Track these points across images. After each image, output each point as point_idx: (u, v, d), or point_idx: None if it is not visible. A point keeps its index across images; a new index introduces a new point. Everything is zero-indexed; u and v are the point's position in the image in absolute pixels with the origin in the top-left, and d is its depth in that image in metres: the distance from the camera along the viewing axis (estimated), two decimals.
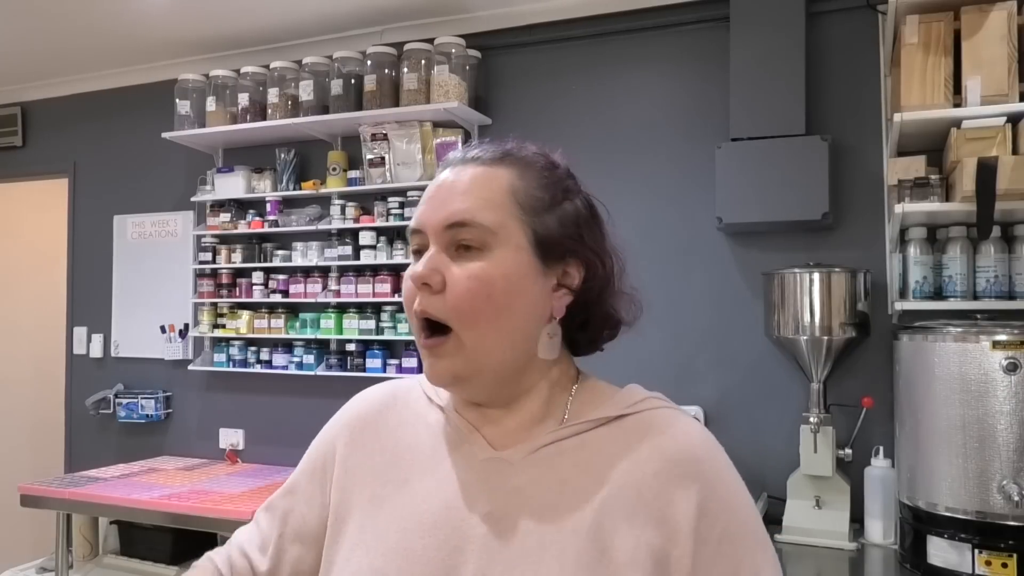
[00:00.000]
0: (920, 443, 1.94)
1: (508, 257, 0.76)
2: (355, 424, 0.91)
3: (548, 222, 0.78)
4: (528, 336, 0.79)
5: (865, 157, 2.47)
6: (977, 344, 1.82)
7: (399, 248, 2.94)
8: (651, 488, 0.74)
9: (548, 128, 2.87)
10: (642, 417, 0.79)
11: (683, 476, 0.74)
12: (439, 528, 0.77)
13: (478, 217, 0.76)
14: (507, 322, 0.76)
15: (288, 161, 3.16)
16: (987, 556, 1.78)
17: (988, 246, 2.18)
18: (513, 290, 0.76)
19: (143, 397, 3.43)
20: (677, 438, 0.77)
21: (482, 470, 0.79)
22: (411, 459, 0.84)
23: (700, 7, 2.65)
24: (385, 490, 0.83)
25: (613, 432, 0.78)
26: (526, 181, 0.79)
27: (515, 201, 0.78)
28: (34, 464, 4.06)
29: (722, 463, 0.78)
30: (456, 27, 2.93)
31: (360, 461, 0.87)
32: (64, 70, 3.61)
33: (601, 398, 0.82)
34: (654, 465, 0.75)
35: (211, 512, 2.49)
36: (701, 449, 0.77)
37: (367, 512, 0.82)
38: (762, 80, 2.42)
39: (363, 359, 2.98)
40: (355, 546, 0.81)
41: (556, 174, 0.83)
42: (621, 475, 0.75)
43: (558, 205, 0.80)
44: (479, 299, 0.75)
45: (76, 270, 3.72)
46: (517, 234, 0.77)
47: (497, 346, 0.76)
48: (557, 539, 0.73)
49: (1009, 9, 2.03)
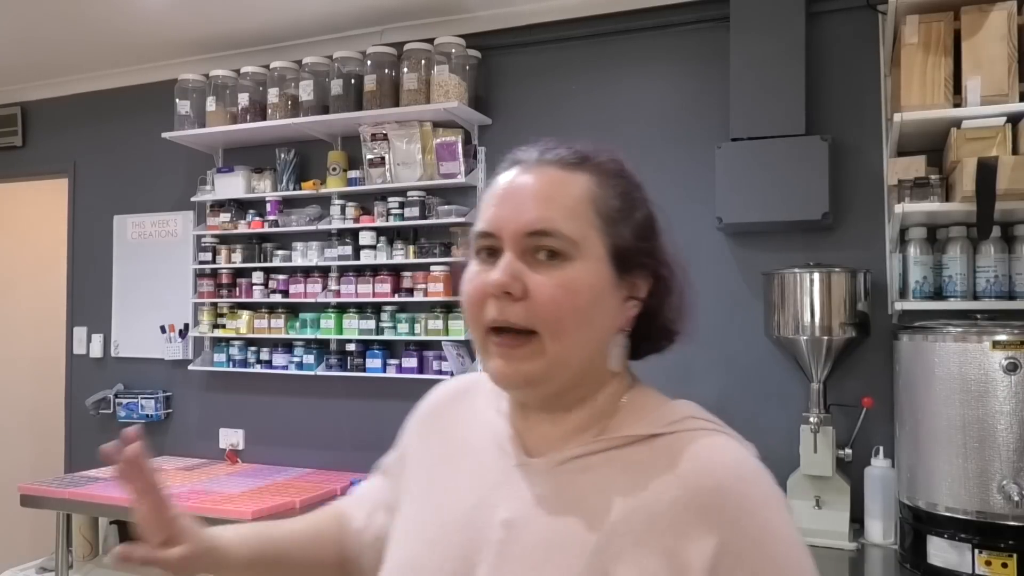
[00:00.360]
0: (920, 443, 1.94)
1: (590, 268, 0.74)
2: (428, 413, 0.94)
3: (624, 233, 0.77)
4: (602, 347, 0.77)
5: (865, 157, 2.47)
6: (977, 344, 1.82)
7: (399, 248, 2.94)
8: (665, 518, 0.69)
9: (548, 128, 2.87)
10: (676, 438, 0.74)
11: (703, 508, 0.68)
12: (465, 528, 0.77)
13: (561, 227, 0.74)
14: (588, 333, 0.75)
15: (288, 161, 3.16)
16: (987, 556, 1.78)
17: (988, 246, 2.18)
18: (595, 301, 0.75)
19: (143, 397, 3.43)
20: (702, 464, 0.71)
21: (512, 475, 0.78)
22: (461, 455, 0.85)
23: (700, 7, 2.65)
24: (436, 482, 0.85)
25: (642, 451, 0.74)
26: (604, 189, 0.77)
27: (594, 211, 0.75)
28: (34, 464, 4.06)
29: (758, 498, 0.70)
30: (456, 27, 2.93)
31: (424, 450, 0.90)
32: (64, 70, 3.61)
33: (643, 413, 0.78)
34: (672, 492, 0.70)
35: (211, 512, 2.48)
36: (731, 479, 0.70)
37: (419, 500, 0.85)
38: (762, 80, 2.42)
39: (363, 359, 2.98)
40: (405, 532, 0.84)
41: (630, 182, 0.80)
42: (636, 499, 0.71)
43: (632, 215, 0.78)
44: (565, 309, 0.73)
45: (76, 270, 3.72)
46: (597, 245, 0.75)
47: (576, 356, 0.75)
48: (560, 557, 0.71)
49: (1009, 9, 2.03)
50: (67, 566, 2.85)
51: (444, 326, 2.86)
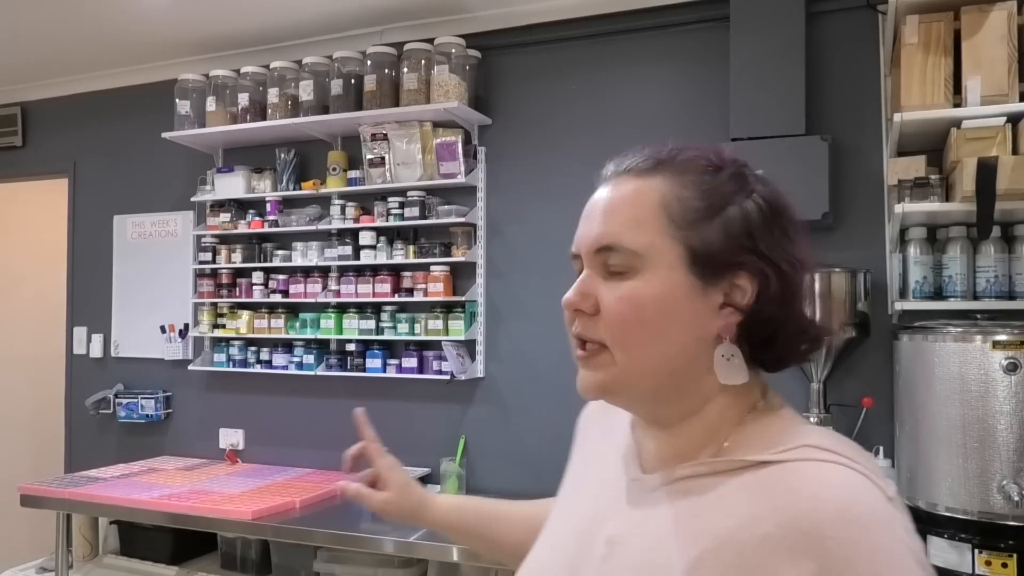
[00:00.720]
0: (920, 443, 1.94)
1: (659, 278, 0.71)
2: (585, 420, 0.97)
3: (707, 234, 0.71)
4: (689, 358, 0.72)
5: (865, 157, 2.47)
6: (977, 344, 1.82)
7: (399, 248, 2.94)
8: (756, 554, 0.63)
9: (548, 128, 2.87)
10: (784, 468, 0.67)
11: (796, 549, 0.62)
12: (578, 538, 0.78)
13: (623, 240, 0.72)
14: (661, 345, 0.72)
15: (288, 161, 3.16)
16: (987, 556, 1.78)
17: (988, 246, 2.18)
18: (666, 312, 0.71)
19: (143, 397, 3.43)
20: (803, 500, 0.63)
21: (626, 490, 0.77)
22: (595, 464, 0.86)
23: (700, 7, 2.65)
24: (574, 488, 0.87)
25: (749, 479, 0.68)
26: (681, 190, 0.73)
27: (667, 216, 0.72)
28: (34, 464, 4.06)
29: (865, 546, 0.60)
30: (456, 27, 2.93)
31: (576, 454, 0.93)
32: (64, 70, 3.61)
33: (765, 436, 0.71)
34: (765, 528, 0.64)
35: (211, 512, 2.48)
36: (832, 521, 0.61)
37: (560, 503, 0.88)
38: (762, 80, 2.42)
39: (363, 359, 2.98)
40: (543, 533, 0.87)
41: (719, 176, 0.74)
42: (729, 530, 0.66)
43: (720, 212, 0.72)
44: (630, 323, 0.72)
45: (76, 270, 3.72)
46: (669, 253, 0.71)
47: (650, 368, 0.72)
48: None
49: (1009, 9, 2.03)
50: (67, 566, 2.85)
51: (444, 326, 2.86)
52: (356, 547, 2.36)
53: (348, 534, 2.35)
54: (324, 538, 2.39)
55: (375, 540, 2.31)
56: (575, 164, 2.81)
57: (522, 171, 2.90)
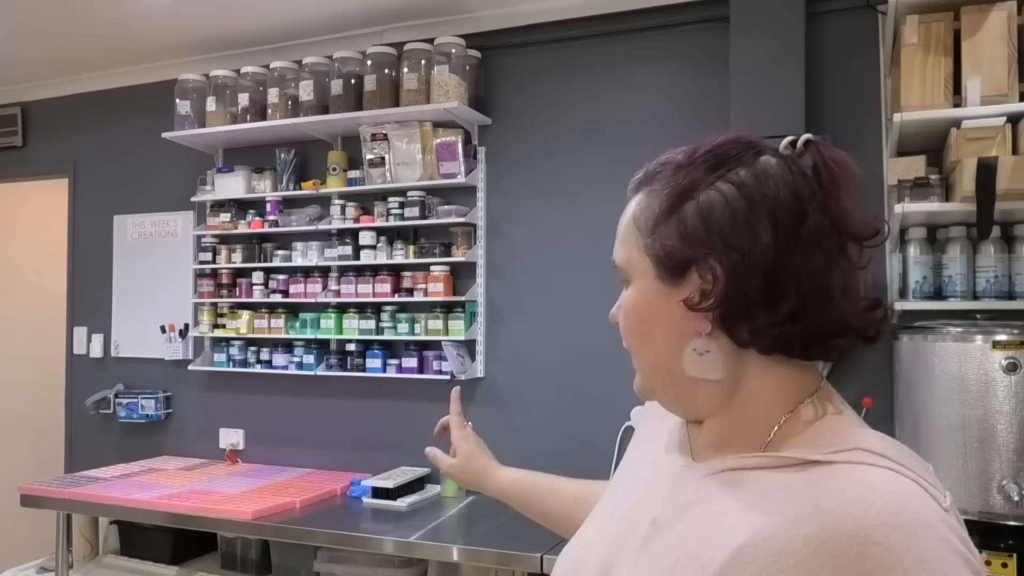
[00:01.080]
0: (920, 443, 1.94)
1: (636, 288, 0.77)
2: (645, 409, 0.99)
3: (664, 236, 0.73)
4: (679, 358, 0.74)
5: (865, 157, 2.47)
6: (977, 344, 1.82)
7: (399, 248, 2.94)
8: (795, 554, 0.61)
9: (548, 128, 2.87)
10: (834, 469, 0.65)
11: (839, 553, 0.59)
12: (627, 519, 0.80)
13: (616, 258, 0.80)
14: (650, 347, 0.77)
15: (288, 161, 3.17)
16: (987, 556, 1.78)
17: (988, 246, 2.18)
18: (643, 318, 0.76)
19: (143, 397, 3.43)
20: (851, 504, 0.61)
21: (675, 475, 0.78)
22: (652, 449, 0.88)
23: (700, 7, 2.66)
24: (629, 470, 0.90)
25: (797, 479, 0.66)
26: (647, 200, 0.76)
27: (636, 228, 0.76)
28: (34, 464, 4.06)
29: (915, 552, 0.57)
30: (456, 27, 2.93)
31: (636, 439, 0.96)
32: (64, 70, 3.61)
33: (813, 434, 0.70)
34: (809, 528, 0.61)
35: (211, 512, 2.49)
36: (880, 526, 0.58)
37: (614, 484, 0.91)
38: (762, 80, 2.42)
39: (363, 359, 2.98)
40: (594, 512, 0.90)
41: (679, 174, 0.74)
42: (772, 527, 0.64)
43: (675, 212, 0.72)
44: (625, 330, 0.79)
45: (76, 270, 3.72)
46: (641, 262, 0.76)
47: (651, 369, 0.78)
48: (687, 567, 0.68)
49: (1009, 9, 2.03)
50: (67, 566, 2.85)
51: (444, 326, 2.86)
52: (356, 547, 2.36)
53: (348, 534, 2.35)
54: (324, 538, 2.39)
55: (375, 540, 2.31)
56: (575, 164, 2.81)
57: (522, 171, 2.90)
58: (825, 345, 0.71)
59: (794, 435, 0.70)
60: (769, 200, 0.69)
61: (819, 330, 0.69)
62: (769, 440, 0.71)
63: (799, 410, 0.72)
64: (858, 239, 0.71)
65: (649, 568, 0.72)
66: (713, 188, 0.71)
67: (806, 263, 0.68)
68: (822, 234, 0.69)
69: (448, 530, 2.42)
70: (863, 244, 0.71)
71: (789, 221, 0.69)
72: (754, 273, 0.68)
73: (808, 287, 0.68)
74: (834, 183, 0.71)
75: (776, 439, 0.71)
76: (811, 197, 0.70)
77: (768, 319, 0.69)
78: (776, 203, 0.69)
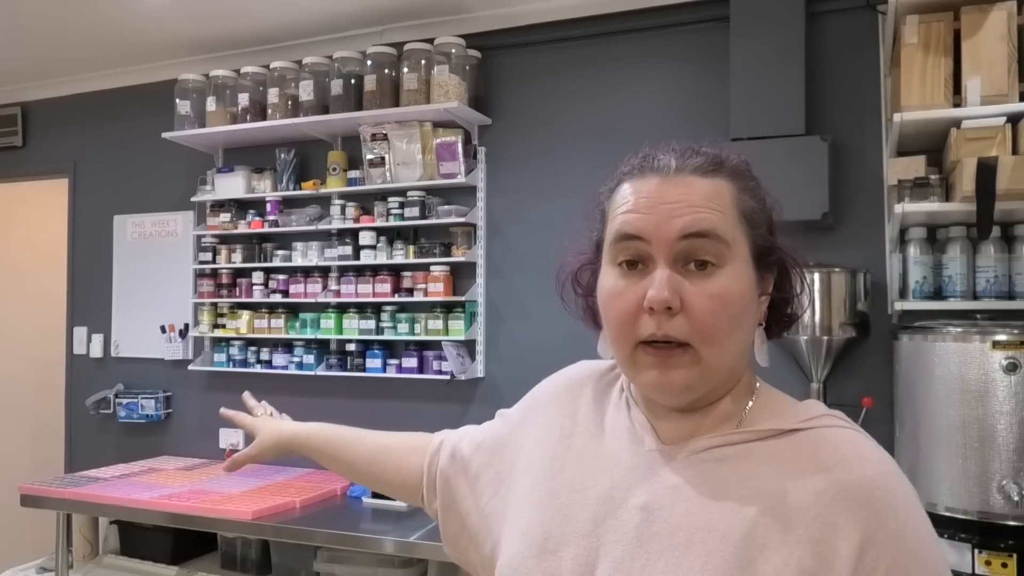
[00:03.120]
0: (920, 443, 1.94)
1: (740, 272, 0.76)
2: (557, 390, 0.96)
3: (762, 232, 0.80)
4: (750, 345, 0.81)
5: (865, 157, 2.47)
6: (977, 344, 1.82)
7: (399, 248, 2.94)
8: (812, 508, 0.71)
9: (548, 128, 2.87)
10: (816, 434, 0.76)
11: (851, 502, 0.70)
12: (599, 506, 0.80)
13: (719, 229, 0.75)
14: (740, 335, 0.78)
15: (288, 161, 3.17)
16: (987, 556, 1.78)
17: (988, 246, 2.18)
18: (745, 305, 0.77)
19: (143, 397, 3.43)
20: (850, 461, 0.73)
21: (647, 460, 0.80)
22: (591, 436, 0.87)
23: (700, 7, 2.66)
24: (562, 457, 0.87)
25: (781, 446, 0.76)
26: (743, 191, 0.80)
27: (740, 213, 0.78)
28: (34, 464, 4.06)
29: (900, 495, 0.72)
30: (456, 27, 2.93)
31: (548, 424, 0.92)
32: (64, 70, 3.61)
33: (777, 409, 0.80)
34: (819, 485, 0.72)
35: (211, 512, 2.48)
36: (877, 476, 0.72)
37: (543, 471, 0.87)
38: (762, 80, 2.42)
39: (363, 359, 2.98)
40: (530, 500, 0.86)
41: (758, 182, 0.83)
42: (782, 490, 0.73)
43: (764, 213, 0.82)
44: (720, 319, 0.74)
45: (76, 270, 3.72)
46: (744, 247, 0.77)
47: (728, 359, 0.77)
48: (705, 540, 0.72)
49: (1009, 9, 2.03)
50: (67, 566, 2.85)
51: (444, 326, 2.86)
52: (356, 547, 2.36)
53: (348, 534, 2.35)
54: (324, 538, 2.39)
55: (375, 540, 2.31)
56: (575, 164, 2.81)
57: (522, 171, 2.90)
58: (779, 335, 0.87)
59: (758, 413, 0.80)
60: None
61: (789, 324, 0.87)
62: (744, 418, 0.80)
63: (755, 392, 0.82)
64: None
65: (657, 548, 0.74)
66: (770, 203, 0.84)
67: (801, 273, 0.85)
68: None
69: None
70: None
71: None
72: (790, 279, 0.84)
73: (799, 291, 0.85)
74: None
75: (749, 417, 0.80)
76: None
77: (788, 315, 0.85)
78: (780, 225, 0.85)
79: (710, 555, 0.71)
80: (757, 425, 0.78)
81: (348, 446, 1.15)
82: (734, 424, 0.79)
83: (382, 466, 1.10)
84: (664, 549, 0.74)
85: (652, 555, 0.74)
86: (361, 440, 1.15)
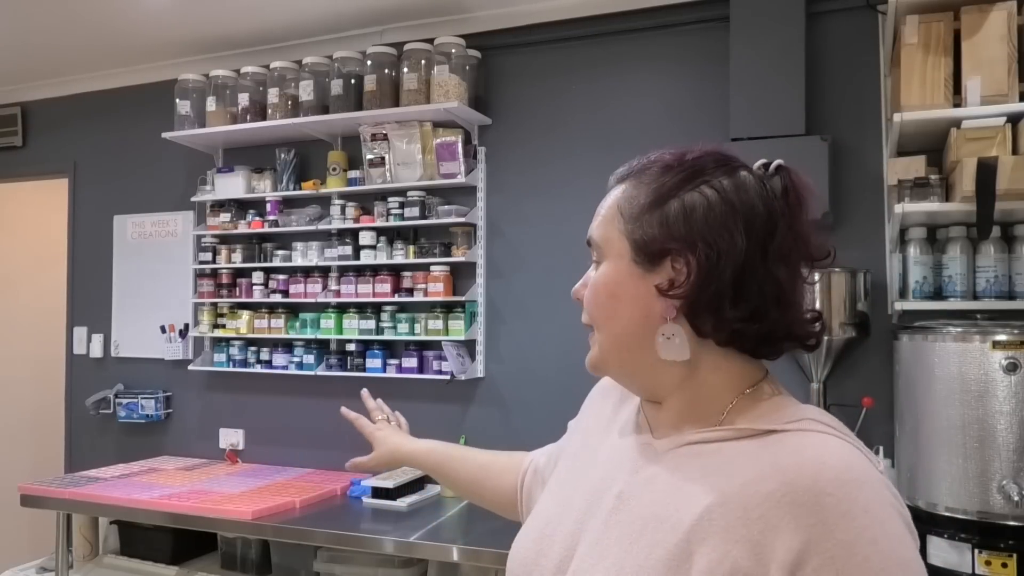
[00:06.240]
0: (920, 443, 1.94)
1: (610, 266, 0.83)
2: (602, 387, 1.04)
3: (646, 225, 0.80)
4: (641, 337, 0.81)
5: (865, 157, 2.47)
6: (977, 344, 1.82)
7: (399, 248, 2.94)
8: (758, 508, 0.69)
9: (548, 128, 2.87)
10: (790, 436, 0.74)
11: (795, 505, 0.68)
12: (589, 495, 0.85)
13: (593, 235, 0.86)
14: (615, 324, 0.83)
15: (288, 161, 3.16)
16: (987, 556, 1.78)
17: (988, 246, 2.18)
18: (615, 295, 0.82)
19: (143, 397, 3.43)
20: (803, 462, 0.70)
21: (637, 452, 0.85)
22: (609, 429, 0.93)
23: (700, 7, 2.66)
24: (586, 449, 0.94)
25: (753, 446, 0.75)
26: (633, 191, 0.83)
27: (619, 212, 0.83)
28: (34, 464, 4.06)
29: (859, 503, 0.67)
30: (456, 27, 2.93)
31: (589, 418, 1.00)
32: (64, 70, 3.61)
33: (764, 411, 0.78)
34: (769, 485, 0.70)
35: (211, 512, 2.49)
36: (830, 480, 0.68)
37: (569, 462, 0.96)
38: (762, 80, 2.42)
39: (363, 359, 2.98)
40: (551, 490, 0.95)
41: (668, 174, 0.81)
42: (735, 488, 0.72)
43: (661, 206, 0.79)
44: (591, 305, 0.85)
45: (76, 270, 3.72)
46: (619, 244, 0.82)
47: (612, 345, 0.83)
48: (656, 530, 0.75)
49: (1009, 9, 2.03)
50: (67, 566, 2.85)
51: (444, 326, 2.86)
52: (356, 547, 2.36)
53: (348, 534, 2.35)
54: (324, 538, 2.39)
55: (375, 540, 2.31)
56: (575, 164, 2.81)
57: (522, 171, 2.90)
58: (772, 346, 0.81)
59: (746, 411, 0.79)
60: (746, 209, 0.78)
61: (772, 332, 0.79)
62: (723, 417, 0.79)
63: (748, 392, 0.80)
64: (811, 259, 0.81)
65: (617, 534, 0.78)
66: (697, 191, 0.79)
67: (773, 270, 0.77)
68: (788, 248, 0.78)
69: (448, 530, 2.42)
70: (814, 263, 0.81)
71: (762, 231, 0.77)
72: (726, 271, 0.76)
73: (771, 293, 0.77)
74: (799, 206, 0.80)
75: (729, 416, 0.79)
76: (781, 214, 0.79)
77: (732, 315, 0.77)
78: (752, 213, 0.78)
79: (655, 545, 0.73)
80: (740, 423, 0.78)
81: (454, 466, 1.24)
82: (716, 421, 0.80)
83: (482, 486, 1.20)
84: (622, 536, 0.77)
85: (611, 541, 0.78)
86: (464, 460, 1.24)
